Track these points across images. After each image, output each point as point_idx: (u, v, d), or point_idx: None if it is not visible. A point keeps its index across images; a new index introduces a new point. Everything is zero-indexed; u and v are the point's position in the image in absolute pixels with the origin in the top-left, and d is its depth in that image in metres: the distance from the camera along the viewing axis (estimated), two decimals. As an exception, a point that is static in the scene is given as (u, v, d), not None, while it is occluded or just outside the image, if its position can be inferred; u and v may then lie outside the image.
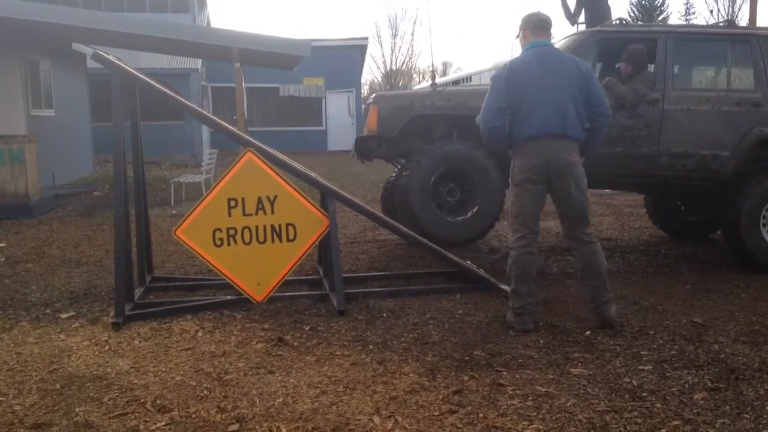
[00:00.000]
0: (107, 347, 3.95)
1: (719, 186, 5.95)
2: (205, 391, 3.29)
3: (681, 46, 6.04)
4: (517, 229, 4.34)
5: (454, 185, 6.00)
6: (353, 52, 25.07)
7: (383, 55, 42.33)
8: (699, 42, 6.16)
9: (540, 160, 4.21)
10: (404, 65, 39.08)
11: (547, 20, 4.45)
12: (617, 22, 6.59)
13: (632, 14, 36.33)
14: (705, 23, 18.97)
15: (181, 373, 3.54)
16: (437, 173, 5.84)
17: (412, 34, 68.58)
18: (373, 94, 6.39)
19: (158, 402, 3.17)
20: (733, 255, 6.12)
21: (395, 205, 6.34)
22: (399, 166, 6.58)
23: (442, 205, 5.97)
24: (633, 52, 5.95)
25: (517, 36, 4.60)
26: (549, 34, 4.46)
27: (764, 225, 5.88)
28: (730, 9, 32.27)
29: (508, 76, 4.27)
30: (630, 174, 6.06)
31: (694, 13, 37.23)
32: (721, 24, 7.41)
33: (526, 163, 4.27)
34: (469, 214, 5.97)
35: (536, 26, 4.40)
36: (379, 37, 47.00)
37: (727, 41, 6.06)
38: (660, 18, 35.27)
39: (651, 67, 6.10)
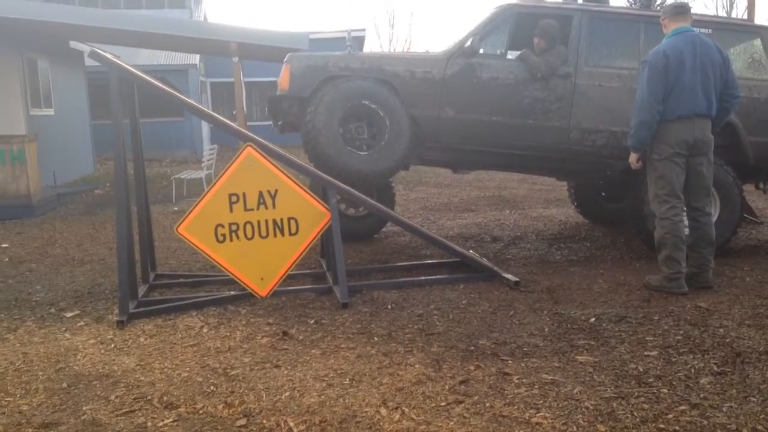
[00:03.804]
0: (113, 345, 3.95)
1: (630, 169, 5.80)
2: (212, 387, 3.29)
3: (595, 24, 6.05)
4: (666, 200, 4.77)
5: (361, 122, 5.91)
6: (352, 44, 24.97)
7: (381, 46, 42.05)
8: (613, 21, 6.18)
9: (688, 136, 4.69)
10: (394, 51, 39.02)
11: (684, 6, 4.96)
12: None
13: (631, 3, 36.04)
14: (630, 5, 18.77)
15: (187, 369, 3.54)
16: (342, 110, 5.70)
17: (410, 25, 68.72)
18: (288, 54, 6.24)
19: (165, 399, 3.17)
20: (645, 244, 5.93)
21: (309, 154, 6.02)
22: None
23: (350, 140, 5.86)
24: (545, 27, 5.98)
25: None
26: (689, 19, 4.89)
27: None
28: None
29: (665, 65, 4.65)
30: (540, 148, 6.03)
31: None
32: (635, 6, 7.45)
33: (675, 139, 4.70)
34: (382, 143, 5.85)
35: (675, 13, 4.86)
36: (376, 27, 46.82)
37: (641, 22, 6.07)
38: (657, 3, 34.96)
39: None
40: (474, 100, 5.95)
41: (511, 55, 6.39)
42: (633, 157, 4.97)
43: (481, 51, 6.02)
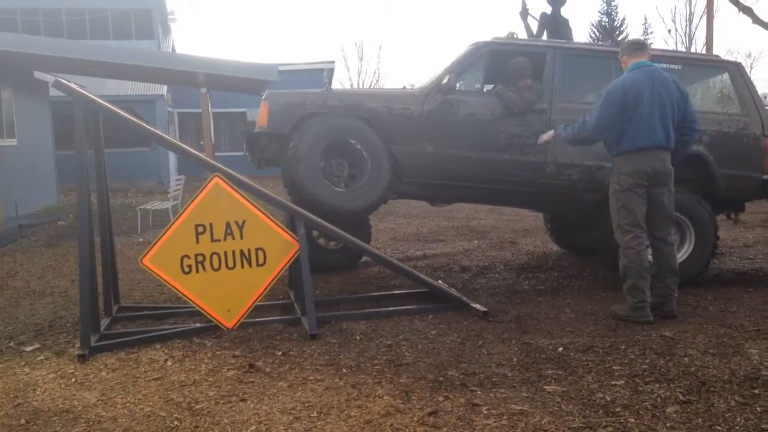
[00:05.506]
0: (73, 380, 3.84)
1: (603, 201, 5.88)
2: (176, 422, 3.22)
3: (568, 61, 6.22)
4: (629, 230, 4.84)
5: (342, 159, 5.96)
6: (320, 76, 25.13)
7: (350, 78, 42.52)
8: (585, 58, 6.38)
9: (648, 167, 4.80)
10: (371, 87, 39.41)
11: (639, 42, 5.21)
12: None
13: (593, 35, 37.03)
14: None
15: (151, 404, 3.46)
16: (323, 146, 5.75)
17: (379, 57, 69.61)
18: (266, 92, 6.29)
19: (127, 435, 3.09)
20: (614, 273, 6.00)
21: (285, 182, 6.05)
22: None
23: (332, 177, 5.88)
24: (516, 65, 6.11)
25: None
26: (647, 54, 5.02)
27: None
28: (687, 28, 33.16)
29: (622, 96, 4.78)
30: (517, 182, 6.14)
31: (652, 33, 38.12)
32: (607, 43, 7.65)
33: (635, 170, 4.82)
34: (360, 184, 5.87)
35: (632, 49, 5.02)
36: (345, 60, 47.22)
37: (611, 58, 6.18)
38: (619, 38, 36.05)
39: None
40: (452, 135, 6.01)
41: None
42: (551, 135, 5.41)
43: (458, 87, 6.11)
